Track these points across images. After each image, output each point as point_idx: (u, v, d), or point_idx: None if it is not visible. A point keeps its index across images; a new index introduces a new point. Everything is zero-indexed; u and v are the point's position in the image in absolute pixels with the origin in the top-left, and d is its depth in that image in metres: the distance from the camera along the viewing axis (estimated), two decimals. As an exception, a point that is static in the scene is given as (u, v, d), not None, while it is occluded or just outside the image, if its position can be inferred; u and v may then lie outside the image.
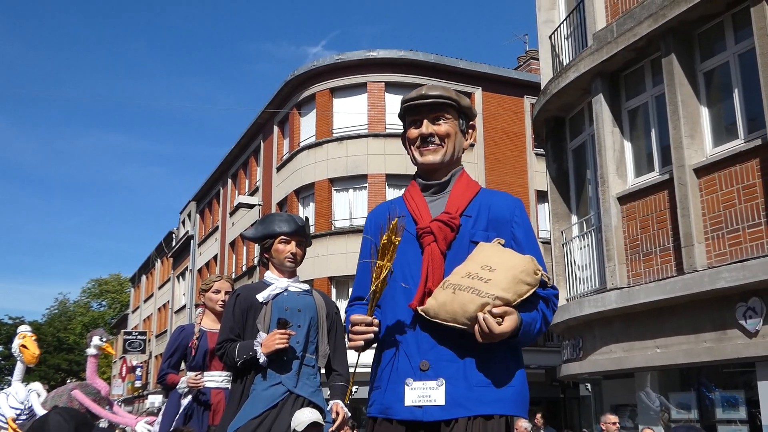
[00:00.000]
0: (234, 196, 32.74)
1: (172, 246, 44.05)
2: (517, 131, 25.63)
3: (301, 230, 3.67)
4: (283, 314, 3.50)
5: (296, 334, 3.48)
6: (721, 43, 9.05)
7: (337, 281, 23.46)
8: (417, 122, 2.41)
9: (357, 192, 24.07)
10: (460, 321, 2.07)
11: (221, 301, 4.83)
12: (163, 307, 45.79)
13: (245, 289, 3.67)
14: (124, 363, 47.16)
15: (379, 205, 2.41)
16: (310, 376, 3.54)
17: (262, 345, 3.38)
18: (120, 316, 61.33)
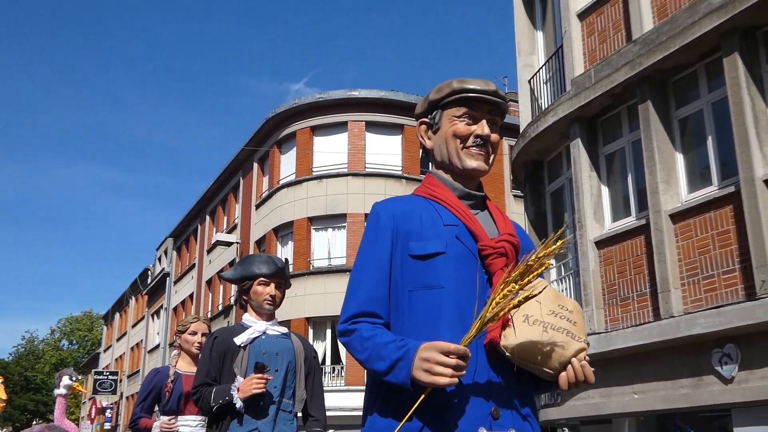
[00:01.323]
0: (212, 234, 32.62)
1: (147, 283, 43.63)
2: (495, 172, 25.93)
3: (281, 272, 3.69)
4: (261, 358, 3.51)
5: (274, 379, 3.48)
6: (695, 92, 9.30)
7: (314, 322, 23.33)
8: (472, 118, 2.02)
9: (336, 231, 24.10)
10: (548, 365, 1.80)
11: (198, 344, 4.80)
12: (136, 346, 45.14)
13: (223, 331, 3.67)
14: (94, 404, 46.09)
15: (392, 199, 2.00)
16: (287, 421, 3.54)
17: (239, 390, 3.38)
18: (91, 355, 60.25)
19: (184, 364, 4.84)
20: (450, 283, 1.84)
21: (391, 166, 24.48)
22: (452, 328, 1.80)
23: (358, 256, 1.94)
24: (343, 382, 22.26)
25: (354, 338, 1.84)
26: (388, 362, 1.73)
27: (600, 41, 10.80)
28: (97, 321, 67.37)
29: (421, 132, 2.11)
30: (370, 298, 1.86)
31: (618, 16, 10.48)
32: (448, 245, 1.88)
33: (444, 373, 1.65)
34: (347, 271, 23.18)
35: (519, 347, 1.78)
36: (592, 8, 10.99)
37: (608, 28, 10.68)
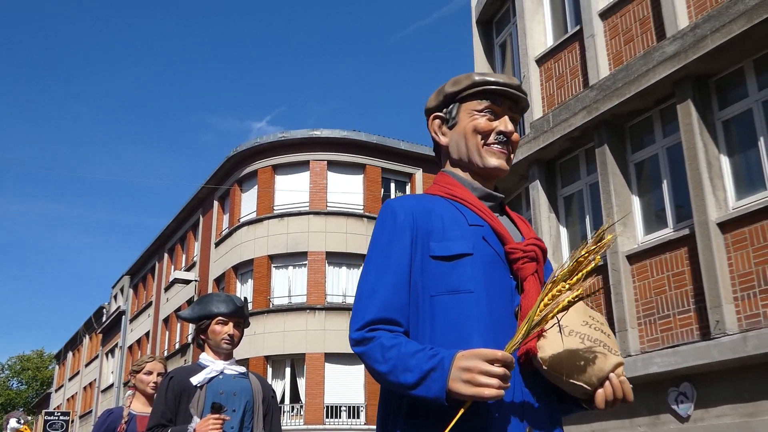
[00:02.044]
0: (170, 271, 32.17)
1: (102, 321, 42.71)
2: (456, 213, 26.16)
3: (240, 311, 3.65)
4: (218, 398, 3.44)
5: (231, 419, 3.41)
6: (651, 136, 9.52)
7: (273, 360, 23.02)
8: (494, 114, 1.86)
9: (296, 269, 23.97)
10: (586, 379, 1.61)
11: (153, 383, 4.70)
12: (89, 385, 44.00)
13: (179, 371, 3.60)
14: (44, 446, 44.88)
15: (408, 197, 1.80)
16: (247, 460, 3.47)
17: (195, 431, 3.31)
18: (42, 395, 58.48)
19: (138, 404, 4.73)
20: (480, 288, 1.65)
21: (353, 205, 24.53)
22: (484, 336, 1.61)
23: (373, 258, 1.71)
24: (302, 421, 21.92)
25: (372, 348, 1.60)
26: (418, 373, 1.52)
27: (558, 86, 11.04)
28: (48, 360, 65.61)
29: (434, 127, 1.94)
30: (389, 304, 1.65)
31: (575, 62, 10.74)
32: (475, 246, 1.69)
33: (490, 383, 1.44)
34: (307, 309, 23.00)
35: (554, 359, 1.60)
36: (550, 54, 11.26)
37: (566, 73, 10.93)
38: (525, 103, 1.90)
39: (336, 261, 23.84)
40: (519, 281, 1.71)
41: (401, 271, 1.68)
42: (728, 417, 7.71)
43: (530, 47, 11.55)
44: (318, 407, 21.99)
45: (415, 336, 1.65)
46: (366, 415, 22.28)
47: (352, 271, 23.99)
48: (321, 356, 22.44)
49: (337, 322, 22.88)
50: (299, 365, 22.79)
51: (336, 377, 22.44)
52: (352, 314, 1.69)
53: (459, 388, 1.46)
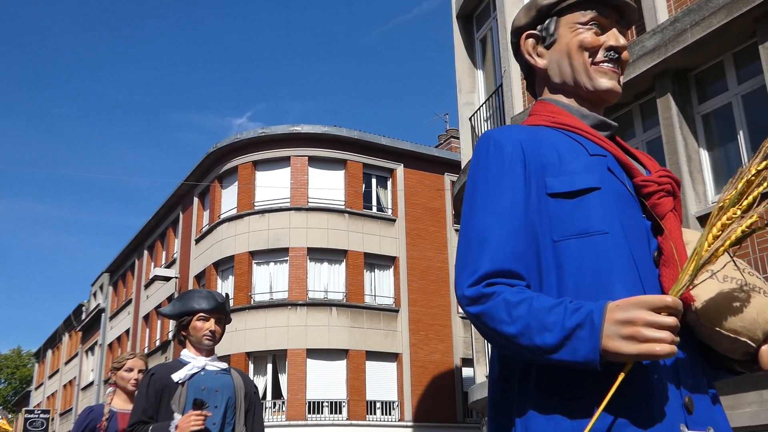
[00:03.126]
0: (150, 268, 31.93)
1: (81, 319, 42.34)
2: (437, 207, 26.17)
3: (221, 307, 3.62)
4: (200, 395, 3.41)
5: (213, 415, 3.39)
6: (631, 131, 9.56)
7: (255, 357, 22.93)
8: (600, 27, 1.58)
9: (278, 265, 23.88)
10: (751, 334, 1.34)
11: (134, 380, 4.66)
12: (69, 383, 43.62)
13: (160, 368, 3.57)
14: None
15: (510, 127, 1.51)
16: (226, 458, 3.44)
17: (177, 427, 3.28)
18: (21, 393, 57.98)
19: (119, 401, 4.69)
20: (615, 227, 1.37)
21: (334, 200, 24.47)
22: (629, 285, 1.33)
23: (479, 197, 1.42)
24: (284, 417, 21.86)
25: (495, 305, 1.30)
26: (560, 332, 1.23)
27: (539, 80, 11.05)
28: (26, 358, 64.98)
29: (527, 48, 1.65)
30: (508, 252, 1.36)
31: (556, 56, 10.75)
32: (602, 179, 1.42)
33: (661, 338, 1.18)
34: (289, 305, 22.92)
35: (711, 310, 1.33)
36: (531, 49, 11.25)
37: (546, 68, 10.93)
38: (633, 15, 1.62)
39: (317, 257, 23.78)
40: (655, 219, 1.44)
41: (517, 213, 1.39)
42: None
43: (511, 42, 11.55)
44: (300, 403, 21.94)
45: (539, 290, 1.36)
46: (348, 410, 22.27)
47: (333, 266, 23.94)
48: (303, 352, 22.37)
49: (318, 317, 22.83)
50: (281, 361, 22.71)
51: (318, 373, 22.39)
52: (460, 267, 1.39)
53: (619, 347, 1.20)
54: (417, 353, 23.93)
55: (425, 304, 24.65)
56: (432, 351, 24.28)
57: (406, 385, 23.49)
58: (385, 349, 23.46)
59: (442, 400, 23.83)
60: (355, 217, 24.38)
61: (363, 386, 22.68)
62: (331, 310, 22.99)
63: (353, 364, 22.69)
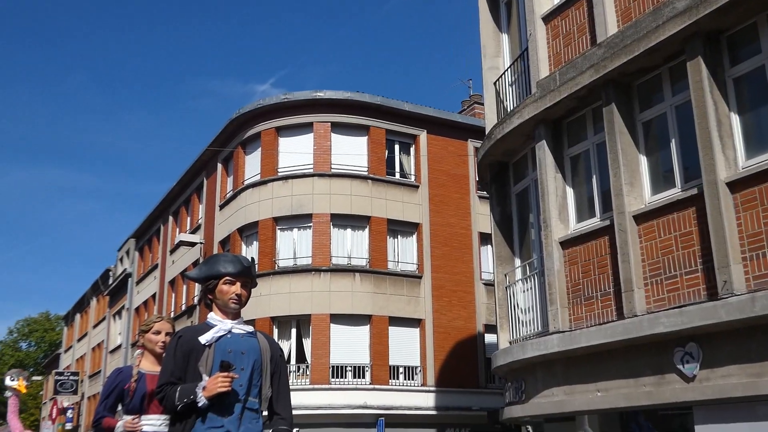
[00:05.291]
0: (175, 234, 32.21)
1: (108, 284, 42.96)
2: (461, 174, 26.01)
3: (247, 271, 3.60)
4: (227, 357, 3.42)
5: (239, 377, 3.40)
6: (659, 95, 9.37)
7: (279, 321, 23.15)
8: None
9: (301, 231, 23.96)
10: None
11: (161, 343, 4.71)
12: (97, 346, 44.44)
13: (188, 330, 3.58)
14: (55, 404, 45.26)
15: None
16: (252, 419, 3.47)
17: (204, 388, 3.30)
18: (51, 356, 59.23)
19: (147, 363, 4.74)
20: None
21: (357, 166, 24.40)
22: None
23: None
24: (308, 380, 22.12)
25: None
26: None
27: (565, 44, 10.85)
28: (55, 322, 66.22)
29: None
30: None
31: (582, 19, 10.54)
32: None
33: None
34: (313, 270, 23.04)
35: None
36: (557, 11, 11.04)
37: (573, 31, 10.73)
38: None
39: (341, 223, 23.81)
40: None
41: None
42: (735, 377, 7.71)
43: (536, 4, 11.34)
44: (324, 367, 22.16)
45: None
46: (371, 375, 22.45)
47: (357, 233, 23.98)
48: (326, 317, 22.54)
49: (342, 283, 22.93)
50: (305, 326, 22.91)
51: (341, 338, 22.56)
52: None
53: None
54: (440, 319, 24.00)
55: (448, 270, 24.64)
56: (455, 317, 24.32)
57: (429, 351, 23.59)
58: (408, 314, 23.56)
59: (465, 366, 23.92)
60: (378, 184, 24.32)
61: (386, 351, 22.82)
62: (355, 276, 23.08)
63: (376, 329, 22.83)
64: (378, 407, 21.91)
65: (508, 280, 12.31)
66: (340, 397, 21.79)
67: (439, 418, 22.89)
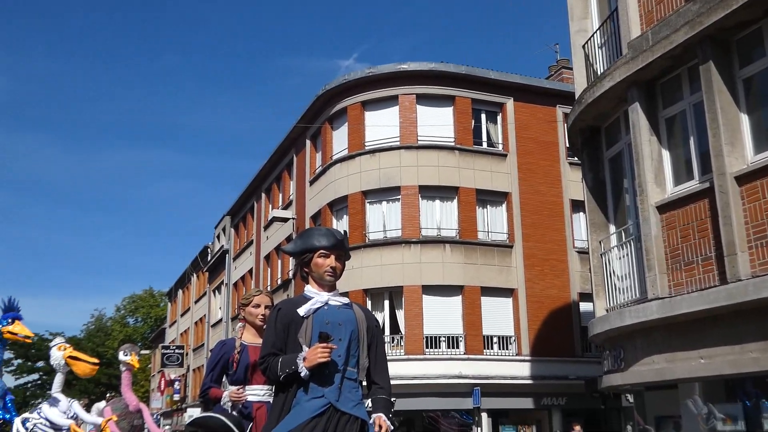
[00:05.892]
0: (268, 210, 32.99)
1: (207, 260, 44.48)
2: (550, 141, 25.49)
3: (341, 244, 3.68)
4: (325, 328, 3.50)
5: (338, 348, 3.48)
6: (760, 50, 8.89)
7: (372, 293, 23.45)
8: None
9: (390, 204, 24.10)
10: None
11: (261, 316, 4.87)
12: (199, 320, 46.16)
13: (286, 303, 3.68)
14: (163, 377, 47.64)
15: None
16: (351, 389, 3.54)
17: (305, 359, 3.39)
18: (157, 331, 62.04)
19: (249, 335, 4.90)
20: None
21: (444, 137, 24.27)
22: None
23: None
24: (402, 351, 22.36)
25: None
26: None
27: (656, 1, 10.42)
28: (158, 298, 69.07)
29: None
30: None
31: (676, -27, 10.08)
32: None
33: None
34: (403, 242, 23.18)
35: None
36: (649, -33, 10.59)
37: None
38: None
39: (429, 194, 23.81)
40: None
41: None
42: None
43: (626, -39, 10.91)
44: (417, 338, 22.35)
45: None
46: (465, 344, 22.51)
47: (445, 204, 23.93)
48: (418, 288, 22.68)
49: (432, 254, 22.99)
50: (397, 297, 23.14)
51: (434, 309, 22.65)
52: None
53: None
54: (533, 288, 23.74)
55: (540, 239, 24.28)
56: (548, 286, 23.99)
57: (523, 320, 23.42)
58: (500, 284, 23.42)
59: (560, 334, 23.58)
60: (466, 154, 24.14)
61: (479, 321, 22.80)
62: (445, 247, 23.09)
63: (468, 299, 22.83)
64: (473, 377, 21.97)
65: (603, 247, 12.06)
66: (434, 367, 21.95)
67: (535, 387, 22.76)
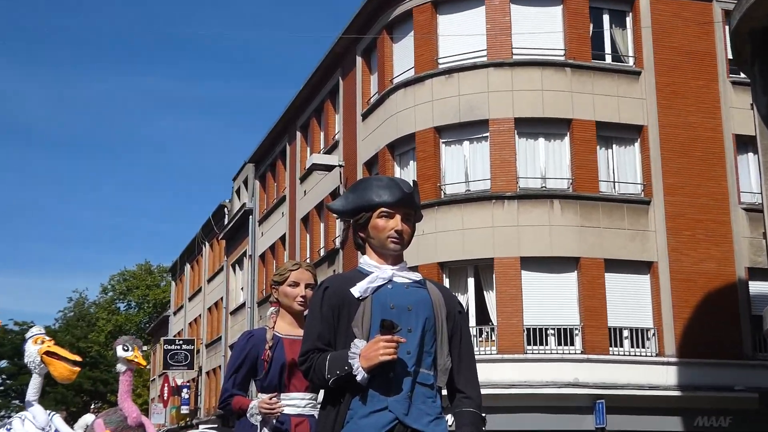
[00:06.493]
0: (305, 155, 33.21)
1: (223, 224, 44.99)
2: (703, 51, 24.93)
3: (409, 199, 3.64)
4: (389, 314, 3.49)
5: (407, 342, 3.47)
6: None
7: (450, 269, 23.51)
8: None
9: (475, 145, 24.04)
10: None
11: (301, 298, 4.92)
12: (214, 306, 46.99)
13: (335, 280, 3.70)
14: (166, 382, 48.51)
15: None
16: (426, 399, 3.53)
17: (361, 356, 3.39)
18: (157, 320, 62.99)
19: (284, 324, 4.97)
20: None
21: (550, 50, 23.98)
22: None
23: None
24: (494, 348, 22.43)
25: None
26: None
27: None
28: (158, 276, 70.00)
29: None
30: None
31: None
32: None
33: None
34: (493, 198, 23.07)
35: None
36: None
37: None
38: None
39: (529, 131, 23.63)
40: None
41: None
42: None
43: None
44: (515, 330, 22.29)
45: None
46: (582, 341, 22.40)
47: (552, 143, 23.70)
48: (515, 262, 22.58)
49: (535, 215, 22.83)
50: (486, 275, 23.12)
51: (538, 290, 22.58)
52: None
53: None
54: (680, 261, 23.35)
55: (690, 192, 23.86)
56: (702, 258, 23.55)
57: (666, 307, 23.10)
58: (632, 256, 23.20)
59: (721, 328, 23.11)
60: (582, 72, 23.84)
61: (603, 307, 22.66)
62: (553, 204, 22.91)
63: (587, 277, 22.69)
64: (594, 385, 21.92)
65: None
66: (539, 372, 21.97)
67: (684, 401, 22.49)
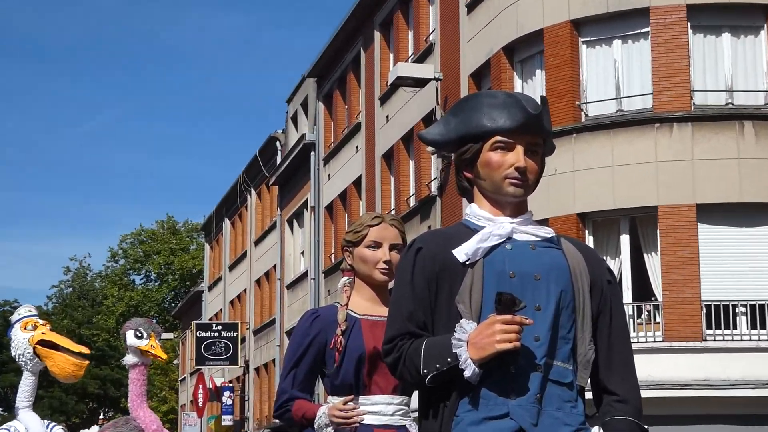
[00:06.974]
0: (387, 65, 33.24)
1: (275, 164, 45.25)
2: None
3: (535, 123, 3.59)
4: (508, 286, 3.49)
5: (533, 324, 3.48)
6: None
7: (594, 221, 23.49)
8: None
9: (630, 45, 23.92)
10: None
11: (384, 264, 4.98)
12: (265, 277, 47.46)
13: (430, 239, 3.71)
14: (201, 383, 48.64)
15: None
16: (563, 403, 3.53)
17: (470, 344, 3.40)
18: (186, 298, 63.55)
19: (361, 300, 5.04)
20: None
21: None
22: None
23: None
24: (659, 333, 22.43)
25: None
26: None
27: None
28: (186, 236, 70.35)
29: None
30: None
31: None
32: None
33: None
34: (656, 120, 22.88)
35: None
36: None
37: None
38: None
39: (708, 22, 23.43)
40: None
41: None
42: None
43: None
44: (690, 309, 22.19)
45: None
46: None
47: (744, 40, 23.39)
48: (690, 210, 22.45)
49: (717, 144, 22.62)
50: (647, 230, 23.05)
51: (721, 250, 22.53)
52: None
53: None
54: None
55: None
56: None
57: None
58: None
59: None
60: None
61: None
62: (743, 129, 22.67)
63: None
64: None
65: None
66: (724, 367, 21.99)
67: None
